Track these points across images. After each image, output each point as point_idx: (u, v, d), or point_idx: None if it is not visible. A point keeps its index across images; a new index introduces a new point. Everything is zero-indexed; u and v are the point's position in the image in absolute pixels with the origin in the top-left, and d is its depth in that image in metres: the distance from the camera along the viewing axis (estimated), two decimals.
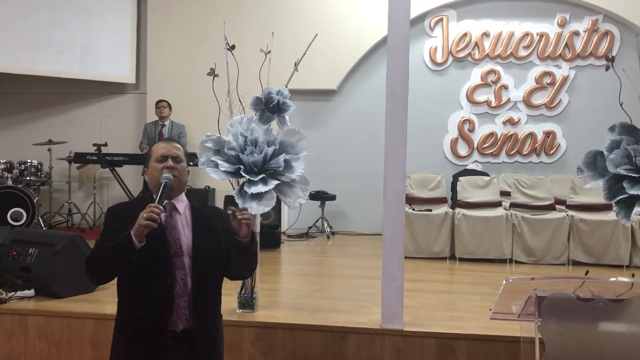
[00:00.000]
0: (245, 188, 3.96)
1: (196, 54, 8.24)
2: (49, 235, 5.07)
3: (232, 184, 4.21)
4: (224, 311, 2.73)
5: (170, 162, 2.50)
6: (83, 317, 4.20)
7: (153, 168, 2.50)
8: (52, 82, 8.67)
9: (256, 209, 3.95)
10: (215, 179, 4.00)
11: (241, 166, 3.97)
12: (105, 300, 4.56)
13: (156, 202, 2.31)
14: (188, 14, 8.62)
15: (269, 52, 4.35)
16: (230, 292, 4.55)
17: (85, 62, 8.57)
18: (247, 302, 4.25)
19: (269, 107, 4.11)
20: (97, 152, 7.44)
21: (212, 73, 4.34)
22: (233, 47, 4.39)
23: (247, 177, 3.96)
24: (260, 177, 3.95)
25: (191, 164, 8.09)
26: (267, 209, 3.98)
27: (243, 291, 4.25)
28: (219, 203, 7.78)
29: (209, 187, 8.30)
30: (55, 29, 8.34)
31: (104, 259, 2.33)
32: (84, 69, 8.58)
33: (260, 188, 3.91)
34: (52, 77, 8.51)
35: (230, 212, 2.52)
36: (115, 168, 7.38)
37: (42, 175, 7.96)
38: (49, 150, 8.21)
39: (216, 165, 3.97)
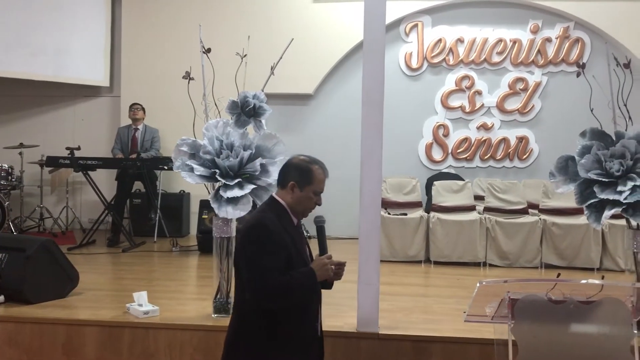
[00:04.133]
0: (221, 192, 3.95)
1: (171, 57, 8.18)
2: (20, 240, 4.98)
3: (207, 188, 4.19)
4: (200, 316, 2.72)
5: (320, 200, 2.69)
6: (55, 323, 4.13)
7: (309, 198, 2.62)
8: (25, 85, 8.52)
9: (232, 213, 3.95)
10: (191, 183, 3.99)
11: (217, 170, 3.96)
12: (78, 306, 4.50)
13: (326, 251, 2.64)
14: (163, 16, 8.56)
15: (245, 55, 4.35)
16: (205, 297, 4.54)
17: (59, 64, 8.44)
18: (223, 306, 4.22)
19: (245, 111, 4.11)
20: (70, 155, 7.33)
21: (188, 76, 4.32)
22: (209, 50, 4.38)
23: (223, 181, 3.95)
24: (236, 181, 3.95)
25: (165, 167, 8.07)
26: (243, 213, 3.98)
27: (218, 296, 4.23)
28: (194, 208, 7.72)
29: (183, 191, 8.24)
30: (29, 31, 8.21)
31: (296, 298, 2.51)
32: (57, 71, 8.45)
33: (236, 192, 3.90)
34: (24, 80, 8.36)
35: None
36: (89, 172, 7.28)
37: (13, 179, 7.81)
38: (20, 153, 8.07)
39: (191, 169, 3.96)
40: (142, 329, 4.07)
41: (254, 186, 3.98)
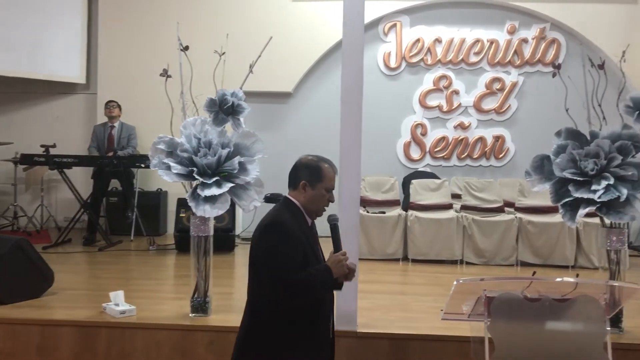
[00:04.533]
0: (199, 191, 3.92)
1: (148, 54, 8.09)
2: None
3: (185, 187, 4.16)
4: (177, 316, 2.70)
5: (333, 197, 2.70)
6: (29, 324, 4.07)
7: (321, 195, 2.65)
8: None
9: (209, 212, 3.92)
10: (168, 181, 3.96)
11: (194, 168, 3.93)
12: (53, 306, 4.44)
13: (341, 248, 2.64)
14: (141, 13, 8.46)
15: (224, 53, 4.33)
16: (182, 297, 4.51)
17: (33, 60, 8.29)
18: (200, 306, 4.19)
19: (224, 109, 4.09)
20: (45, 153, 7.22)
21: (165, 74, 4.28)
22: (186, 47, 4.35)
23: (201, 179, 3.92)
24: (214, 179, 3.93)
25: (142, 165, 7.98)
26: (220, 212, 3.96)
27: (196, 295, 4.20)
28: (172, 206, 7.66)
29: (161, 189, 8.16)
30: (3, 26, 8.05)
31: (313, 293, 2.55)
32: (32, 68, 8.30)
33: (214, 191, 3.88)
34: None
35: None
36: (64, 170, 7.18)
37: None
38: None
39: (168, 168, 3.93)
40: (118, 329, 4.03)
41: (232, 184, 3.96)
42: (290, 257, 2.49)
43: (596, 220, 5.34)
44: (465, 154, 8.52)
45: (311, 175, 2.65)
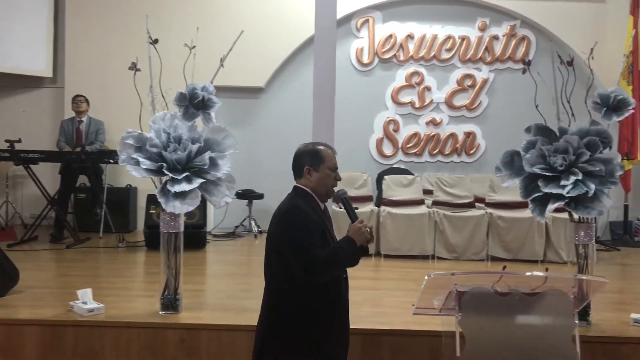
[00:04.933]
0: (168, 186, 3.87)
1: (117, 48, 7.95)
2: None
3: (154, 183, 4.09)
4: (147, 314, 2.66)
5: (339, 175, 2.83)
6: None
7: (327, 175, 2.78)
8: None
9: (179, 208, 3.87)
10: (137, 177, 3.89)
11: (164, 164, 3.87)
12: (18, 305, 4.33)
13: (357, 217, 2.80)
14: (109, 5, 8.30)
15: (194, 47, 4.26)
16: (152, 294, 4.44)
17: None
18: (171, 303, 4.14)
19: (194, 104, 4.03)
20: (9, 148, 7.04)
21: (134, 67, 4.20)
22: (156, 41, 4.27)
23: (170, 175, 3.87)
24: (184, 175, 3.87)
25: (111, 161, 7.85)
26: (191, 208, 3.91)
27: (166, 293, 4.14)
28: (142, 202, 7.55)
29: (130, 185, 8.05)
30: None
31: (339, 266, 2.73)
32: None
33: (184, 186, 3.83)
34: None
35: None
36: (30, 166, 7.02)
37: None
38: None
39: (137, 163, 3.86)
40: (86, 328, 3.95)
41: (202, 180, 3.91)
42: (313, 238, 2.63)
43: (565, 215, 5.41)
44: (437, 150, 8.58)
45: (312, 159, 2.78)
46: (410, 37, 8.54)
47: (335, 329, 2.76)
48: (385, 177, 7.47)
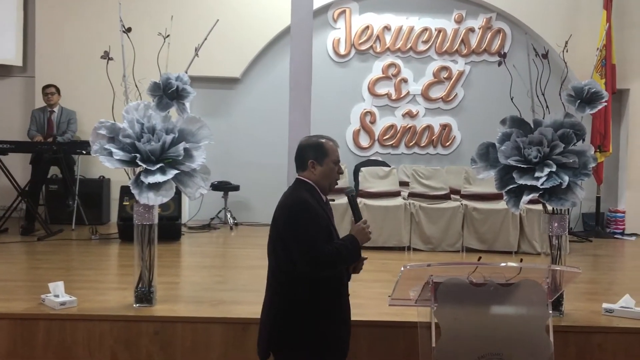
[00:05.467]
0: (142, 178, 3.80)
1: (89, 36, 7.80)
2: None
3: (128, 174, 4.02)
4: (121, 306, 2.61)
5: (341, 169, 2.91)
6: None
7: (331, 169, 2.84)
8: None
9: (153, 199, 3.81)
10: (110, 168, 3.82)
11: (137, 155, 3.81)
12: None
13: (361, 217, 2.92)
14: None
15: (168, 36, 4.19)
16: (126, 287, 4.38)
17: None
18: (145, 296, 4.08)
19: (168, 93, 3.97)
20: None
21: (106, 56, 4.12)
22: (129, 29, 4.19)
23: (144, 166, 3.80)
24: (158, 166, 3.81)
25: (84, 152, 7.72)
26: (165, 200, 3.85)
27: (140, 285, 4.08)
28: (115, 194, 7.44)
29: (103, 177, 7.93)
30: None
31: (341, 263, 2.79)
32: None
33: (158, 178, 3.77)
34: None
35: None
36: (0, 156, 6.87)
37: None
38: None
39: (110, 154, 3.79)
40: (58, 321, 3.87)
41: (177, 171, 3.85)
42: (318, 232, 2.69)
43: (539, 207, 5.48)
44: (413, 142, 8.61)
45: (316, 152, 2.83)
46: (387, 28, 8.53)
47: (340, 320, 2.83)
48: (362, 168, 7.48)
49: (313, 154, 2.83)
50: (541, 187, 3.86)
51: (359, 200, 6.90)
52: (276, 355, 2.81)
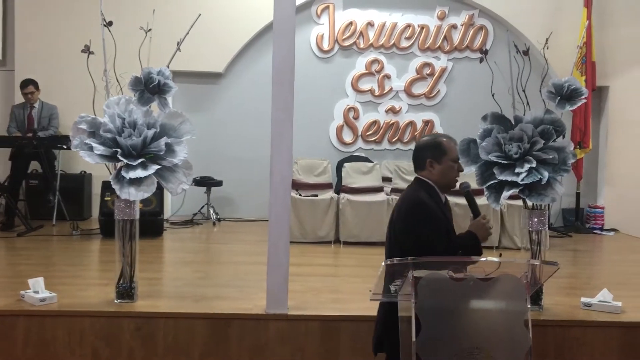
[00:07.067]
0: (123, 173, 3.78)
1: (70, 30, 7.70)
2: None
3: (109, 169, 3.99)
4: (102, 302, 2.59)
5: (461, 166, 2.90)
6: None
7: (450, 167, 2.85)
8: None
9: (135, 194, 3.79)
10: (91, 163, 3.79)
11: (118, 149, 3.79)
12: None
13: (479, 213, 2.95)
14: None
15: (150, 30, 4.16)
16: (108, 283, 4.35)
17: None
18: (126, 292, 4.06)
19: (149, 88, 3.94)
20: None
21: (87, 50, 4.08)
22: (110, 23, 4.16)
23: (125, 161, 3.78)
24: (139, 161, 3.79)
25: (64, 147, 7.63)
26: (146, 195, 3.83)
27: (121, 281, 4.06)
28: (96, 189, 7.38)
29: (84, 172, 7.85)
30: None
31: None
32: None
33: (139, 173, 3.75)
34: None
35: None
36: None
37: None
38: None
39: (91, 149, 3.77)
40: (38, 317, 3.84)
41: (158, 167, 3.83)
42: (436, 232, 2.72)
43: (519, 202, 5.54)
44: (396, 138, 8.64)
45: (434, 151, 2.83)
46: (370, 24, 8.54)
47: None
48: (345, 164, 7.50)
49: (431, 153, 2.83)
50: (521, 182, 3.90)
51: (341, 195, 6.92)
52: (386, 351, 2.88)
